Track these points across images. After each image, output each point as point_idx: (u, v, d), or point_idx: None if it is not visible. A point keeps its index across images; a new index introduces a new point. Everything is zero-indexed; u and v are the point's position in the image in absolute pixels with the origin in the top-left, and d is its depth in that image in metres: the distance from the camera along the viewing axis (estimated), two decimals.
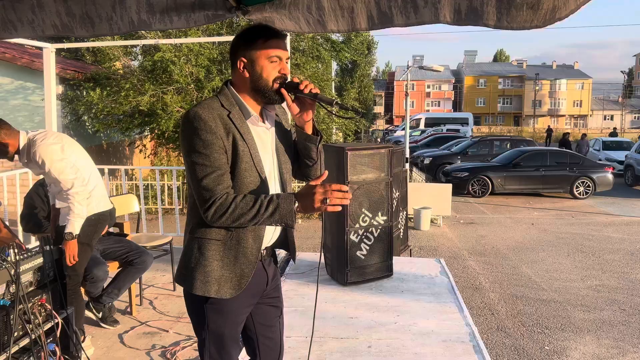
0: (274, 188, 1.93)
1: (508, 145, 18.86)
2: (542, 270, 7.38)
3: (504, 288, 6.55)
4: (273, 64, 1.83)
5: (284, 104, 1.94)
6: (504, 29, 2.08)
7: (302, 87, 1.83)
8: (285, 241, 2.04)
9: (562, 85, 71.56)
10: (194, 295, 1.86)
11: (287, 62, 1.88)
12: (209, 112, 1.78)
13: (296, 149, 2.04)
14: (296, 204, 1.75)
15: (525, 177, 14.59)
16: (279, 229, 1.98)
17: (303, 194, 1.75)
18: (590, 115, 72.40)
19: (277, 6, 2.49)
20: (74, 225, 3.07)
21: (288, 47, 1.93)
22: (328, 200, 1.71)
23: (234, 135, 1.80)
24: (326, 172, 1.84)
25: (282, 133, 2.01)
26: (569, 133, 24.74)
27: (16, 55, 10.39)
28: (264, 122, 1.92)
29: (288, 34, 1.93)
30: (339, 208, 1.74)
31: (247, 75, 1.85)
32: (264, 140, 1.91)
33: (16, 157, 3.08)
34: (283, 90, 1.85)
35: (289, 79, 1.88)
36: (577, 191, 14.42)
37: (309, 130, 1.95)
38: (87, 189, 3.13)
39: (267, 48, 1.82)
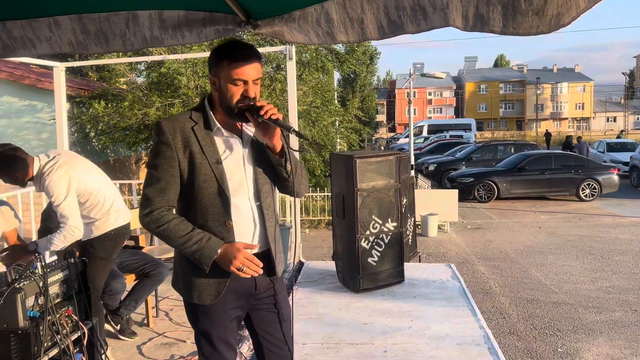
0: (245, 197, 1.95)
1: (512, 149, 18.89)
2: (551, 273, 7.39)
3: (514, 292, 6.57)
4: (237, 87, 1.86)
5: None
6: (510, 34, 2.13)
7: (262, 112, 1.84)
8: (268, 254, 2.04)
9: (564, 88, 71.64)
10: (184, 300, 2.01)
11: (256, 84, 1.90)
12: (172, 124, 1.87)
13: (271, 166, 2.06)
14: (216, 256, 1.86)
15: (530, 180, 14.61)
16: (257, 239, 2.00)
17: (225, 254, 1.86)
18: (593, 118, 72.36)
19: (287, 20, 2.54)
20: (45, 248, 3.02)
21: (259, 70, 1.93)
22: (244, 269, 1.84)
23: (192, 148, 1.86)
24: (256, 246, 1.96)
25: (259, 148, 2.01)
26: (571, 136, 24.76)
27: (23, 74, 10.52)
28: (237, 134, 1.95)
29: (259, 58, 1.94)
30: (248, 276, 1.87)
31: (216, 92, 1.92)
32: (232, 151, 1.94)
33: (29, 183, 3.14)
34: (247, 114, 1.88)
35: (254, 102, 1.88)
36: (583, 193, 14.41)
37: (277, 149, 1.96)
38: (80, 231, 3.06)
39: (231, 71, 1.85)
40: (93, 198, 3.19)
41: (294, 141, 4.73)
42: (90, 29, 2.55)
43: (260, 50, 1.89)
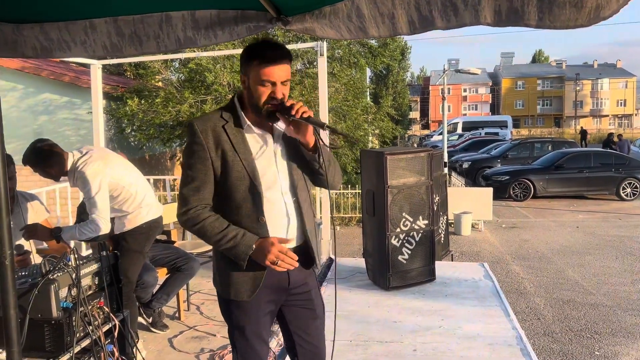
0: (278, 192, 1.97)
1: (549, 147, 18.46)
2: (589, 274, 7.19)
3: (549, 292, 6.42)
4: (265, 88, 1.87)
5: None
6: (547, 28, 2.07)
7: (293, 112, 1.85)
8: (305, 248, 2.05)
9: (605, 84, 69.49)
10: (220, 296, 2.05)
11: (285, 85, 1.90)
12: (203, 123, 1.91)
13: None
14: (251, 251, 1.89)
15: (568, 179, 14.24)
16: (293, 234, 2.01)
17: (260, 248, 1.88)
18: (635, 115, 70.01)
19: (318, 16, 2.53)
20: (69, 235, 3.07)
21: (288, 71, 1.93)
22: (278, 262, 1.87)
23: (224, 146, 1.90)
24: (291, 240, 1.98)
25: (292, 143, 2.02)
26: (612, 133, 24.01)
27: (63, 72, 10.83)
28: (267, 130, 1.97)
29: (289, 59, 1.94)
30: (284, 270, 1.91)
31: (245, 90, 1.95)
32: (264, 147, 1.97)
33: (63, 178, 3.23)
34: (279, 114, 1.89)
35: (283, 102, 1.88)
36: (623, 192, 13.98)
37: (310, 145, 1.95)
38: (109, 225, 3.12)
39: (260, 72, 1.86)
40: (125, 192, 3.25)
41: (325, 137, 4.72)
42: (125, 31, 2.58)
43: (291, 46, 1.89)
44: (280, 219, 1.98)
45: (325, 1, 2.40)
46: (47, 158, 3.10)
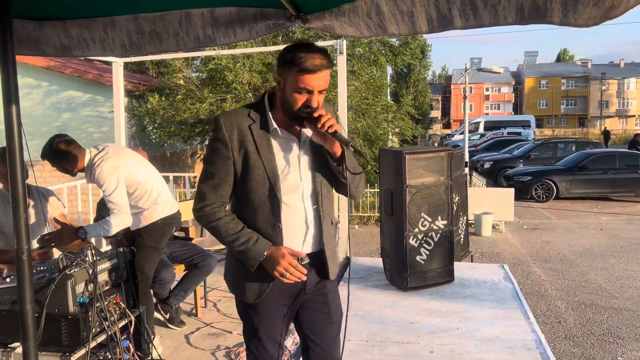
0: (299, 198, 1.93)
1: (573, 147, 18.16)
2: (612, 277, 7.04)
3: (571, 295, 6.30)
4: (301, 95, 1.83)
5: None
6: (571, 25, 2.02)
7: (319, 124, 1.82)
8: (321, 256, 2.01)
9: (631, 84, 68.06)
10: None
11: (321, 93, 1.86)
12: (230, 120, 1.88)
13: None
14: (262, 259, 1.87)
15: (592, 180, 13.98)
16: (310, 241, 1.98)
17: (270, 258, 1.86)
18: None
19: (337, 14, 2.51)
20: (93, 233, 3.10)
21: (327, 79, 1.88)
22: (287, 275, 1.85)
23: (247, 147, 1.86)
24: (303, 254, 1.95)
25: (318, 149, 1.98)
26: (639, 134, 23.50)
27: (86, 70, 10.99)
28: (295, 134, 1.94)
29: (330, 66, 1.90)
30: (291, 282, 1.88)
31: (279, 91, 1.90)
32: (288, 152, 1.93)
33: (79, 173, 3.27)
34: (307, 122, 1.87)
35: (313, 111, 1.85)
36: None
37: (337, 155, 1.92)
38: (130, 218, 3.18)
39: (298, 79, 1.81)
40: (141, 188, 3.28)
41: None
42: (145, 28, 2.59)
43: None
44: (298, 226, 1.95)
45: None
46: (64, 154, 3.15)
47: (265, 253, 1.86)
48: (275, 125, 1.90)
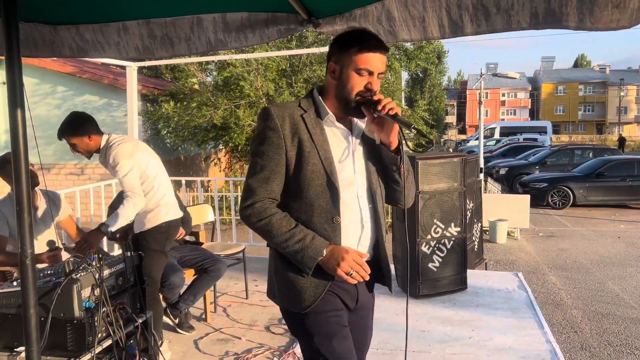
0: (354, 194, 1.78)
1: (590, 154, 17.90)
2: (630, 286, 6.90)
3: (587, 305, 6.18)
4: (361, 77, 1.73)
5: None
6: (588, 30, 1.98)
7: (380, 107, 1.70)
8: (377, 260, 1.86)
9: None
10: (285, 309, 1.83)
11: (380, 78, 1.77)
12: (281, 110, 1.75)
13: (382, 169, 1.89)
14: (321, 257, 1.68)
15: (610, 187, 13.76)
16: (365, 243, 1.82)
17: (332, 255, 1.68)
18: None
19: (348, 18, 2.50)
20: (115, 222, 3.08)
21: (385, 63, 1.80)
22: (353, 273, 1.67)
23: (301, 136, 1.73)
24: (367, 255, 1.78)
25: (371, 144, 1.87)
26: None
27: (102, 74, 11.10)
28: (347, 127, 1.82)
29: (387, 50, 1.81)
30: (355, 282, 1.72)
31: (333, 80, 1.78)
32: (343, 143, 1.80)
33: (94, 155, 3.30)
34: (364, 108, 1.74)
35: (374, 96, 1.75)
36: None
37: (393, 147, 1.80)
38: (144, 199, 3.20)
39: (358, 59, 1.72)
40: (148, 183, 3.27)
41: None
42: (157, 33, 2.61)
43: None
44: (354, 225, 1.78)
45: (356, 3, 2.37)
46: (81, 124, 3.18)
47: (325, 250, 1.69)
48: (330, 112, 1.79)
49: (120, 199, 3.54)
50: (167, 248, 3.41)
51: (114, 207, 3.97)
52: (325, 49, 1.77)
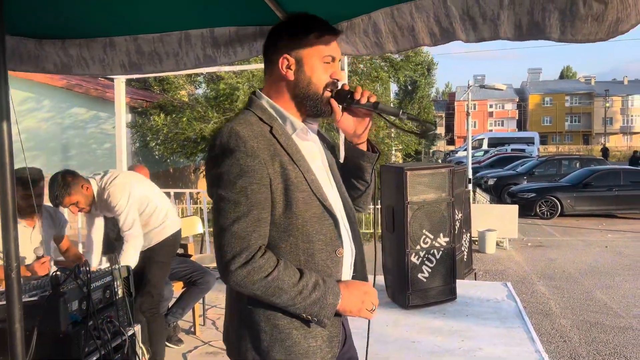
0: (342, 216, 1.52)
1: (577, 164, 18.13)
2: (618, 295, 6.95)
3: (576, 314, 6.22)
4: (326, 66, 1.46)
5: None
6: (569, 41, 2.01)
7: (357, 96, 1.47)
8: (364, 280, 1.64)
9: (636, 101, 68.14)
10: None
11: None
12: (248, 128, 1.38)
13: (345, 170, 1.65)
14: (340, 300, 1.40)
15: (597, 197, 13.91)
16: (353, 268, 1.58)
17: (351, 293, 1.42)
18: None
19: None
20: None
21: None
22: (374, 309, 1.46)
23: (281, 159, 1.39)
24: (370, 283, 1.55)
25: (330, 150, 1.64)
26: (639, 150, 23.43)
27: (90, 86, 11.07)
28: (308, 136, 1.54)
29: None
30: (373, 317, 1.50)
31: (291, 78, 1.46)
32: (316, 157, 1.53)
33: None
34: (332, 101, 1.48)
35: (340, 86, 1.51)
36: None
37: (363, 146, 1.59)
38: (142, 237, 3.20)
39: (322, 45, 1.44)
40: (150, 206, 3.33)
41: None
42: (145, 49, 2.61)
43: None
44: (347, 252, 1.52)
45: (342, 16, 2.39)
46: (70, 178, 3.09)
47: (341, 290, 1.41)
48: (300, 123, 1.47)
49: (114, 226, 3.53)
50: (173, 259, 3.47)
51: (108, 236, 3.94)
52: None
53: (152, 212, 3.35)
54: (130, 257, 3.11)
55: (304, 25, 1.46)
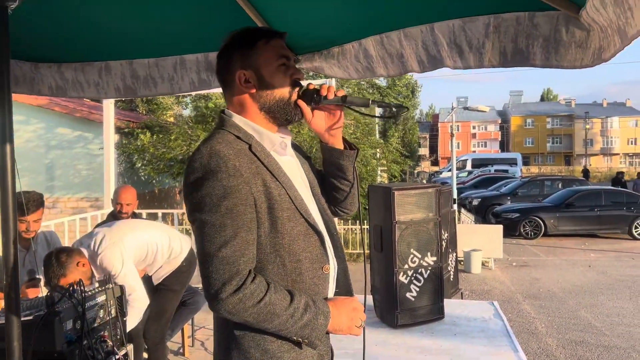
0: (326, 238, 1.49)
1: (560, 185, 18.40)
2: (602, 314, 7.04)
3: (562, 333, 6.28)
4: (283, 68, 1.44)
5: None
6: (554, 67, 2.10)
7: (324, 92, 1.44)
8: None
9: (615, 122, 69.62)
10: None
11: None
12: (229, 147, 1.34)
13: (326, 173, 1.60)
14: (330, 320, 1.38)
15: (579, 217, 14.11)
16: (338, 286, 1.55)
17: (339, 311, 1.40)
18: None
19: (326, 56, 2.59)
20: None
21: None
22: (363, 323, 1.44)
23: (263, 176, 1.36)
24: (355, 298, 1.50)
25: (305, 160, 1.59)
26: (623, 172, 23.86)
27: (76, 107, 11.06)
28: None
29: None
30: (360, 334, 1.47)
31: (253, 90, 1.43)
32: (295, 171, 1.50)
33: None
34: (300, 102, 1.45)
35: (305, 86, 1.49)
36: (636, 231, 13.80)
37: (339, 144, 1.54)
38: (147, 297, 3.11)
39: (273, 48, 1.44)
40: (151, 248, 3.28)
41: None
42: (140, 73, 2.65)
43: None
44: (332, 267, 1.50)
45: (334, 42, 2.47)
46: (64, 256, 2.85)
47: (331, 309, 1.39)
48: (277, 138, 1.45)
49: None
50: (187, 284, 3.45)
51: None
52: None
53: (156, 252, 3.32)
54: (135, 320, 3.05)
55: (249, 37, 1.45)
